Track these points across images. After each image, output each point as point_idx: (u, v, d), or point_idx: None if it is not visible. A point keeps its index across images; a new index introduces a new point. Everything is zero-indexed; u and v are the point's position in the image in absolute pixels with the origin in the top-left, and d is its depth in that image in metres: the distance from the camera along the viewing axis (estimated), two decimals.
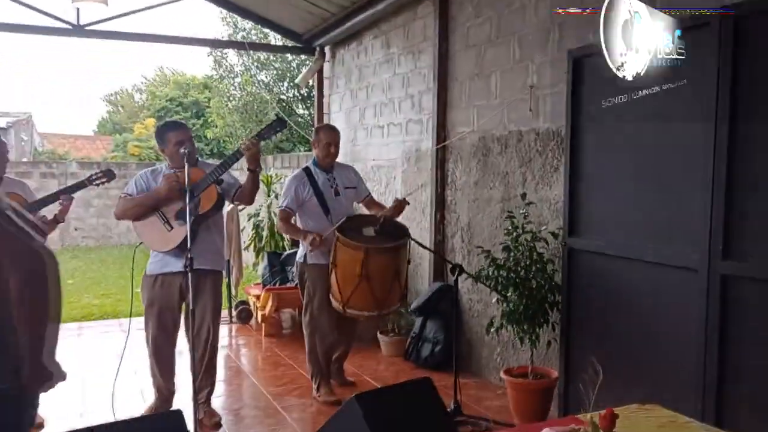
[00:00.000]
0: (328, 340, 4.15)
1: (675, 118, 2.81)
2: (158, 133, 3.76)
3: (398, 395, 2.99)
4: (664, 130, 2.88)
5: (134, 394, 4.20)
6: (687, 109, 2.75)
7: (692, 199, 2.67)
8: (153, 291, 3.67)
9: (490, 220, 4.44)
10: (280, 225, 4.25)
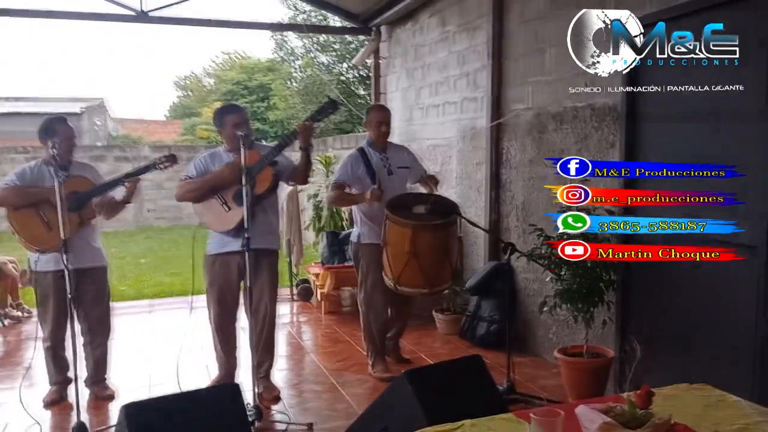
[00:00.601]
0: (382, 317, 4.22)
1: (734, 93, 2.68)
2: (216, 116, 3.88)
3: (448, 372, 3.03)
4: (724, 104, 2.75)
5: (200, 368, 4.40)
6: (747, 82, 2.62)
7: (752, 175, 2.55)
8: (213, 270, 3.82)
9: (546, 199, 4.37)
10: (332, 195, 4.24)
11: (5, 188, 3.64)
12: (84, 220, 3.68)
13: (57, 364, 3.87)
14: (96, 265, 3.86)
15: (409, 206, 3.85)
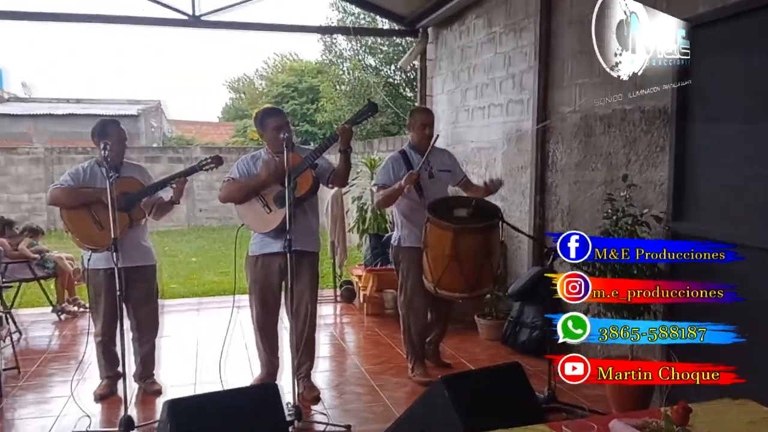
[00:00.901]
0: (422, 321, 4.21)
1: None
2: (258, 119, 3.94)
3: (487, 379, 3.00)
4: None
5: (244, 366, 4.48)
6: None
7: None
8: (255, 271, 3.89)
9: (592, 203, 4.27)
10: (377, 199, 4.19)
11: (59, 188, 3.79)
12: (134, 220, 3.80)
13: (108, 358, 4.01)
14: (145, 263, 3.97)
15: (451, 209, 3.83)
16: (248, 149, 16.15)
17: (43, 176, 14.17)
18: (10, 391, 4.11)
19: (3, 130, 16.55)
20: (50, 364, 4.74)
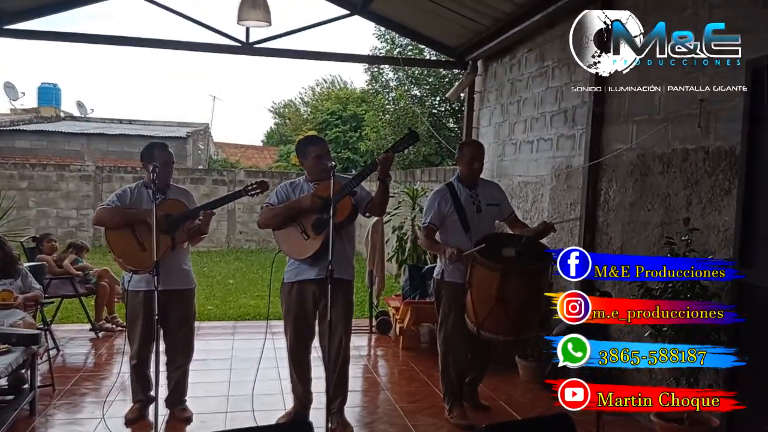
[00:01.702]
0: (461, 361, 4.04)
1: None
2: (299, 146, 3.92)
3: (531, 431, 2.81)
4: None
5: (276, 397, 4.37)
6: None
7: None
8: (289, 298, 3.81)
9: (647, 246, 4.07)
10: (423, 241, 4.14)
11: (105, 208, 3.80)
12: (176, 243, 3.77)
13: (141, 382, 3.95)
14: (184, 287, 3.93)
15: (498, 247, 3.68)
16: (291, 174, 16.30)
17: (92, 193, 14.51)
18: (43, 409, 4.09)
19: (57, 147, 17.08)
20: (84, 384, 4.72)
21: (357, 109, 19.63)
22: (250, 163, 22.92)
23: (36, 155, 16.52)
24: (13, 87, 18.55)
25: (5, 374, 3.41)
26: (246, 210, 14.67)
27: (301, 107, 27.94)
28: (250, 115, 51.80)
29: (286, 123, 28.23)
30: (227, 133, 44.40)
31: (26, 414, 3.92)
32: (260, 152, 26.62)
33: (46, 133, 17.28)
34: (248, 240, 15.24)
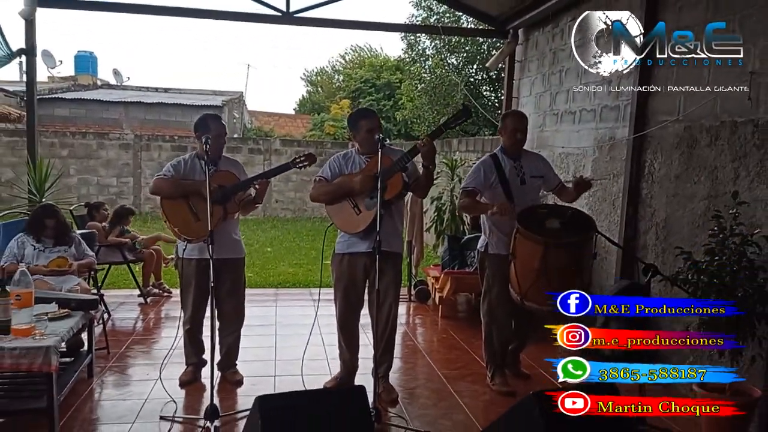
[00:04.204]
0: (505, 331, 4.11)
1: None
2: (351, 120, 3.96)
3: None
4: None
5: (322, 363, 4.50)
6: None
7: None
8: (340, 268, 3.90)
9: (692, 218, 4.05)
10: (465, 201, 4.05)
11: (162, 179, 3.92)
12: (228, 213, 3.88)
13: (194, 346, 4.12)
14: (236, 256, 4.06)
15: (542, 219, 3.71)
16: (325, 143, 16.37)
17: (131, 162, 14.82)
18: (99, 371, 4.30)
19: (95, 115, 17.37)
20: (136, 347, 4.92)
21: (391, 77, 19.50)
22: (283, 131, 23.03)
23: (75, 123, 16.83)
24: (50, 55, 18.80)
25: (67, 338, 3.58)
26: (282, 179, 14.81)
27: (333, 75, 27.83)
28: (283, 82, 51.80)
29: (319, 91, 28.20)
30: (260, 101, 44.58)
31: (84, 376, 4.12)
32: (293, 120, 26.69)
33: (84, 101, 17.52)
34: (284, 209, 15.45)
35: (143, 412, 3.67)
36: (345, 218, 3.80)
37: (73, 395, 3.81)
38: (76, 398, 3.81)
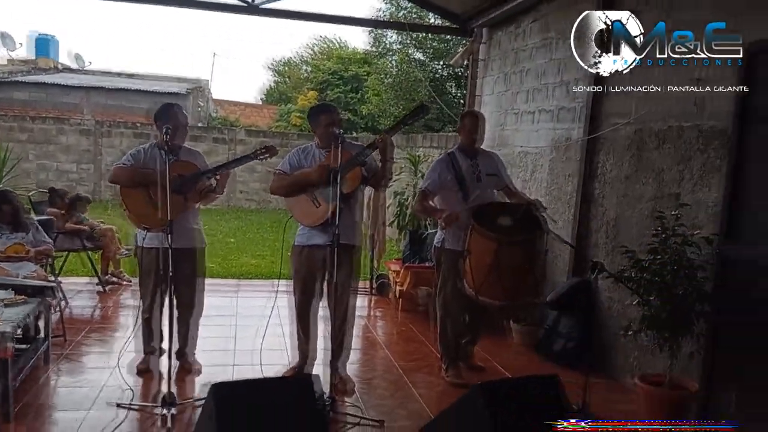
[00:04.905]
0: (459, 324, 4.24)
1: None
2: (310, 114, 4.04)
3: (523, 389, 3.01)
4: None
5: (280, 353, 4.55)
6: None
7: None
8: (299, 260, 3.97)
9: (639, 218, 4.23)
10: (418, 206, 4.28)
11: (120, 167, 3.92)
12: (188, 203, 3.91)
13: (152, 334, 4.14)
14: (195, 246, 4.09)
15: (495, 216, 3.83)
16: (291, 135, 16.32)
17: (91, 148, 14.55)
18: (56, 359, 4.28)
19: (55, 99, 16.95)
20: (93, 335, 4.90)
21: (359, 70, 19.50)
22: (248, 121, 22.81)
23: (35, 107, 16.42)
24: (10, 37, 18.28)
25: (22, 324, 3.56)
26: (247, 170, 14.73)
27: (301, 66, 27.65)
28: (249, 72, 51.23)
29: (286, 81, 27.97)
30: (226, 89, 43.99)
31: (40, 363, 4.08)
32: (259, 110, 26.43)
33: (44, 85, 17.08)
34: (248, 200, 15.37)
35: (99, 399, 3.68)
36: (304, 211, 3.86)
37: (28, 382, 3.79)
38: (31, 385, 3.80)
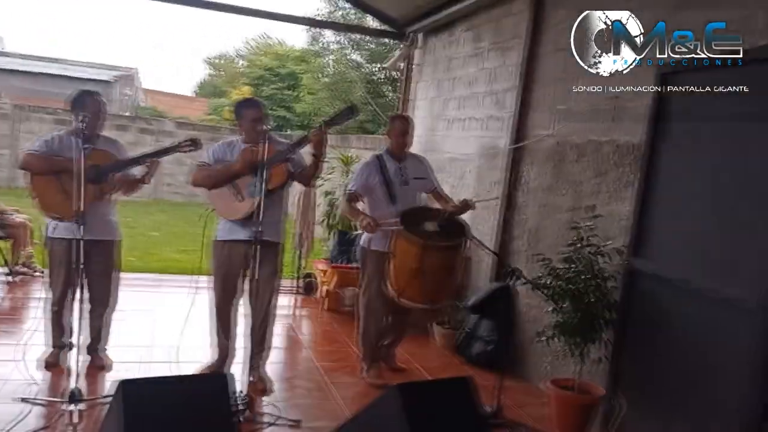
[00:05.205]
0: (381, 325, 4.26)
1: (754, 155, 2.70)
2: (236, 108, 3.98)
3: (438, 390, 3.07)
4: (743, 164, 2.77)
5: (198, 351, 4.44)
6: None
7: (760, 240, 2.56)
8: (220, 256, 3.89)
9: (557, 228, 4.39)
10: (343, 206, 4.28)
11: (31, 154, 3.74)
12: (102, 194, 3.76)
13: (60, 328, 3.96)
14: (109, 238, 3.95)
15: (421, 220, 3.89)
16: (222, 128, 15.99)
17: (9, 133, 13.78)
18: None
19: None
20: (0, 326, 4.65)
21: (295, 67, 19.34)
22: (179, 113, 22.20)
23: None
24: None
25: None
26: (174, 162, 14.28)
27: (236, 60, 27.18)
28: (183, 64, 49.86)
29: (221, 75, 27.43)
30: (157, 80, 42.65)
31: None
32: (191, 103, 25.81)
33: None
34: (175, 192, 14.94)
35: (3, 392, 3.50)
36: (226, 204, 3.80)
37: None
38: None
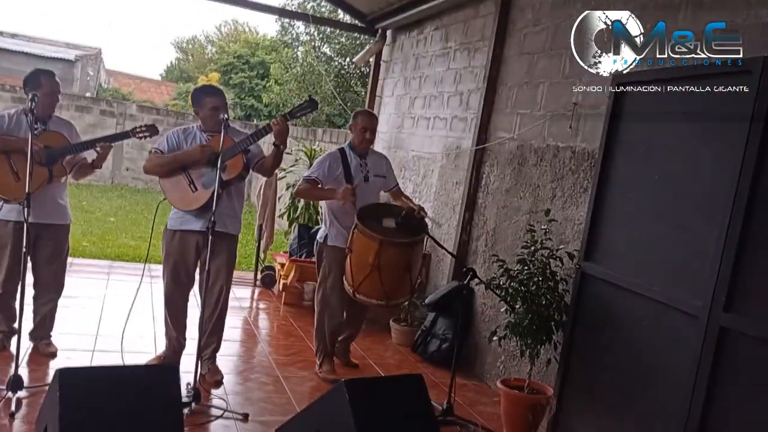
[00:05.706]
0: (336, 320, 4.25)
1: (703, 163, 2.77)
2: (195, 95, 3.87)
3: (388, 387, 3.07)
4: (691, 173, 2.84)
5: (148, 340, 4.38)
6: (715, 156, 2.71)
7: (705, 246, 2.63)
8: (171, 245, 3.82)
9: (515, 230, 4.43)
10: (304, 187, 4.13)
11: None
12: (53, 176, 3.66)
13: (4, 313, 3.85)
14: (58, 222, 3.84)
15: (380, 217, 3.88)
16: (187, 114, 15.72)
17: None
18: None
19: None
20: None
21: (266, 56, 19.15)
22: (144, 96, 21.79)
23: None
24: None
25: None
26: (136, 147, 14.04)
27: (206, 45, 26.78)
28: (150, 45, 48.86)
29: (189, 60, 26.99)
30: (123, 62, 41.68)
31: None
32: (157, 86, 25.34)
33: None
34: (135, 178, 14.65)
35: None
36: (180, 195, 3.73)
37: None
38: None
